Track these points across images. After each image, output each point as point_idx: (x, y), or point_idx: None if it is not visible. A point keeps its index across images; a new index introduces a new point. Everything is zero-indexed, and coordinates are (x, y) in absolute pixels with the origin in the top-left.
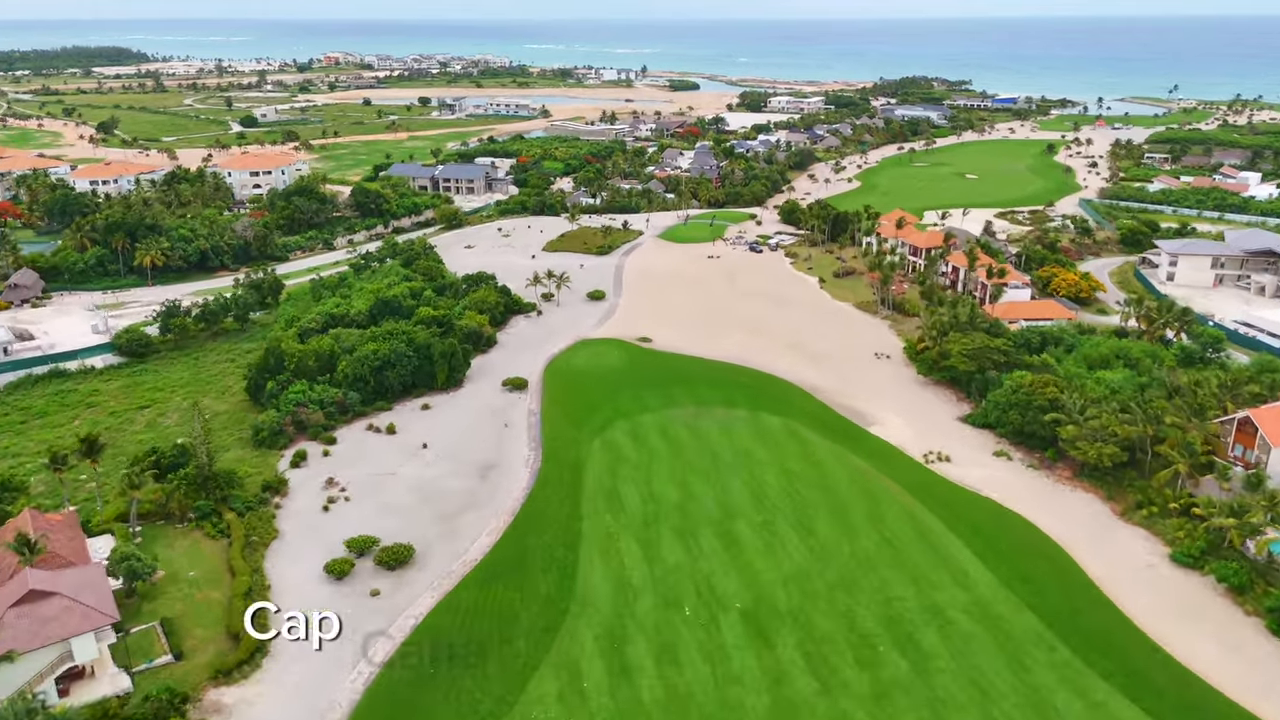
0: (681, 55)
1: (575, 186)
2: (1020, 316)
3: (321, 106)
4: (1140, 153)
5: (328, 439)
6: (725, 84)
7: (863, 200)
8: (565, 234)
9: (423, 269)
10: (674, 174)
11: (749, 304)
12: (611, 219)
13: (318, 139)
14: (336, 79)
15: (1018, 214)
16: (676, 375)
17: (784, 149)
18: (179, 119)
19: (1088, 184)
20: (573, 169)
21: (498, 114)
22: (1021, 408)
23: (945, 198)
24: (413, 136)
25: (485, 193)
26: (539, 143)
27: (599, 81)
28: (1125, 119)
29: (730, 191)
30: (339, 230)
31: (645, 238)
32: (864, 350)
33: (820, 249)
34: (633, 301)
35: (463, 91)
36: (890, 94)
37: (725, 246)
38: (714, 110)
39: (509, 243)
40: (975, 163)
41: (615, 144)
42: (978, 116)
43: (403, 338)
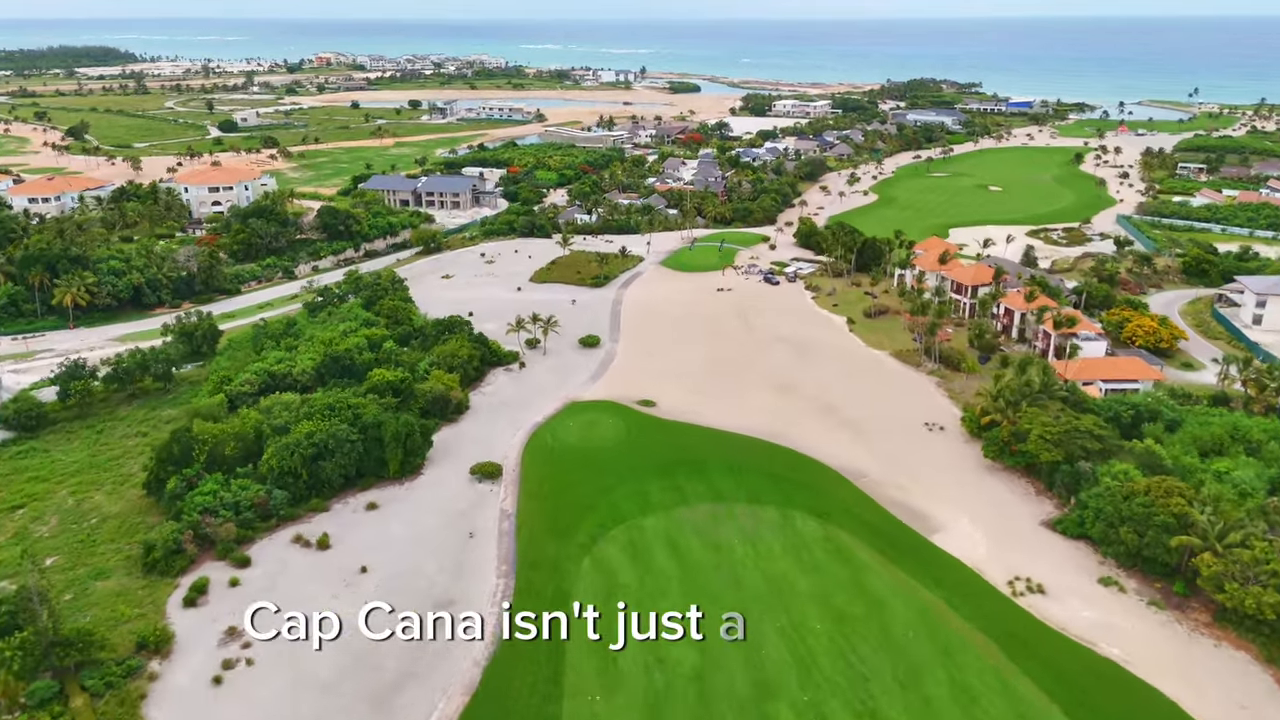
0: (681, 56)
1: (570, 201)
2: (1098, 377)
3: (307, 110)
4: (1173, 162)
5: (239, 559)
6: (727, 86)
7: (880, 216)
8: (556, 261)
9: (387, 310)
10: (676, 187)
11: (769, 352)
12: (608, 241)
13: (298, 145)
14: (326, 80)
15: (1051, 232)
16: (687, 455)
17: (793, 158)
18: (156, 123)
19: (1122, 197)
20: (567, 180)
21: (490, 118)
22: (1138, 523)
23: (970, 213)
24: (400, 143)
25: (472, 207)
26: (532, 150)
27: (596, 83)
28: (1149, 124)
29: (738, 207)
30: (302, 256)
31: (646, 265)
32: (911, 417)
33: (845, 280)
34: (632, 349)
35: (456, 94)
36: (898, 97)
37: (736, 276)
38: (716, 114)
39: (492, 271)
40: (997, 173)
41: (613, 152)
42: (993, 122)
43: (348, 413)
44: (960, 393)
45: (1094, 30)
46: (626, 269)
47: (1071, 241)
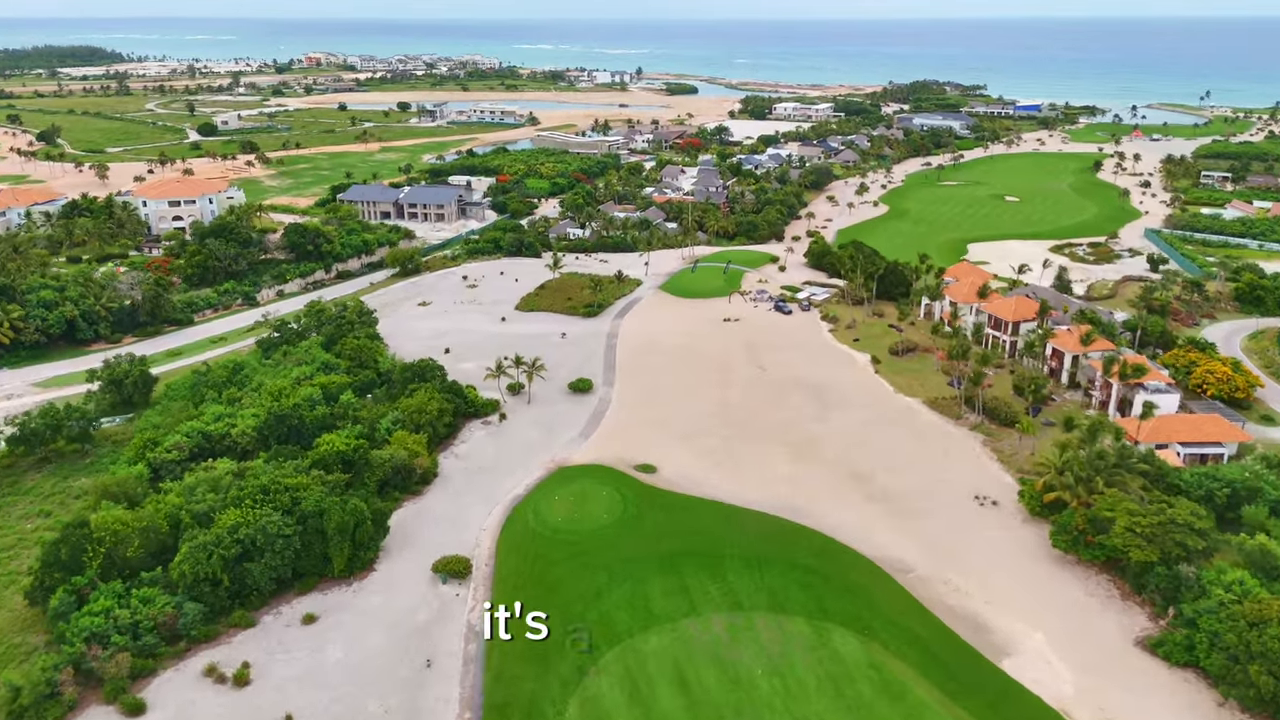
0: (677, 56)
1: (562, 213)
2: (1175, 439)
3: (293, 112)
4: (1196, 171)
5: (132, 705)
6: (725, 88)
7: (892, 230)
8: (546, 285)
9: (351, 350)
10: (675, 198)
11: (785, 400)
12: (603, 261)
13: (279, 150)
14: (314, 81)
15: (1076, 247)
16: (695, 541)
17: (797, 165)
18: (134, 126)
19: (1147, 209)
20: (560, 189)
21: (481, 122)
22: (1272, 661)
23: (987, 226)
24: (386, 147)
25: (457, 219)
26: (523, 156)
27: (591, 85)
28: (1165, 129)
29: (741, 221)
30: (266, 279)
31: (644, 290)
32: (957, 487)
33: (865, 310)
34: (629, 395)
35: (447, 95)
36: (901, 99)
37: (744, 303)
38: (715, 117)
39: (475, 297)
40: (1011, 181)
41: (608, 158)
42: (1002, 126)
43: (285, 497)
44: (1011, 455)
45: (1092, 31)
46: (623, 295)
47: (1099, 258)
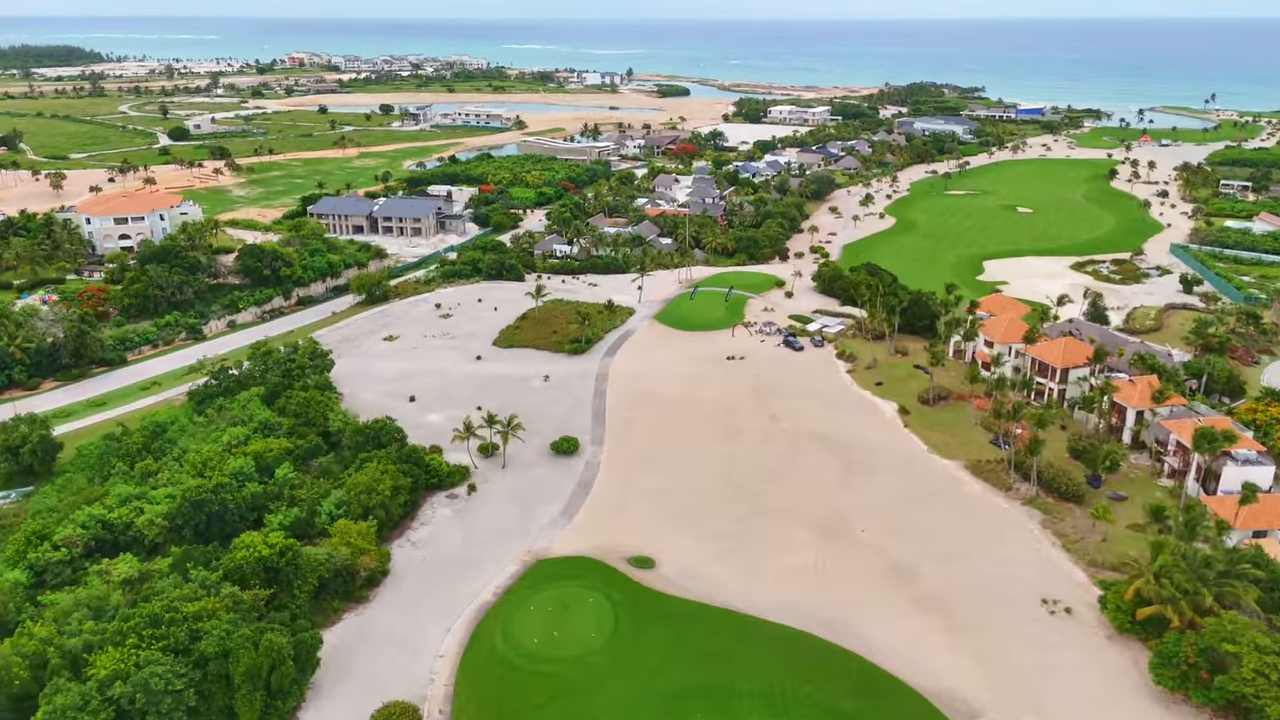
0: (667, 57)
1: (549, 226)
2: (1277, 525)
3: (271, 115)
4: (1215, 179)
5: None
6: (717, 89)
7: (900, 244)
8: (528, 315)
9: (296, 406)
10: (670, 211)
11: (803, 460)
12: (592, 284)
13: (252, 156)
14: (296, 82)
15: (1099, 264)
16: (705, 674)
17: (796, 172)
18: (103, 129)
19: (1168, 220)
20: (547, 199)
21: (466, 125)
22: None
23: (1002, 240)
24: (365, 153)
25: (436, 234)
26: (508, 163)
27: (581, 86)
28: (1174, 134)
29: (741, 236)
30: (215, 309)
31: (637, 320)
32: (1020, 586)
33: (885, 345)
34: (621, 457)
35: (432, 97)
36: (899, 102)
37: (749, 336)
38: (708, 120)
39: (449, 329)
40: (1021, 190)
41: (598, 166)
42: (1005, 130)
43: (182, 630)
44: (1078, 541)
45: (1087, 32)
46: (614, 327)
47: (1125, 277)
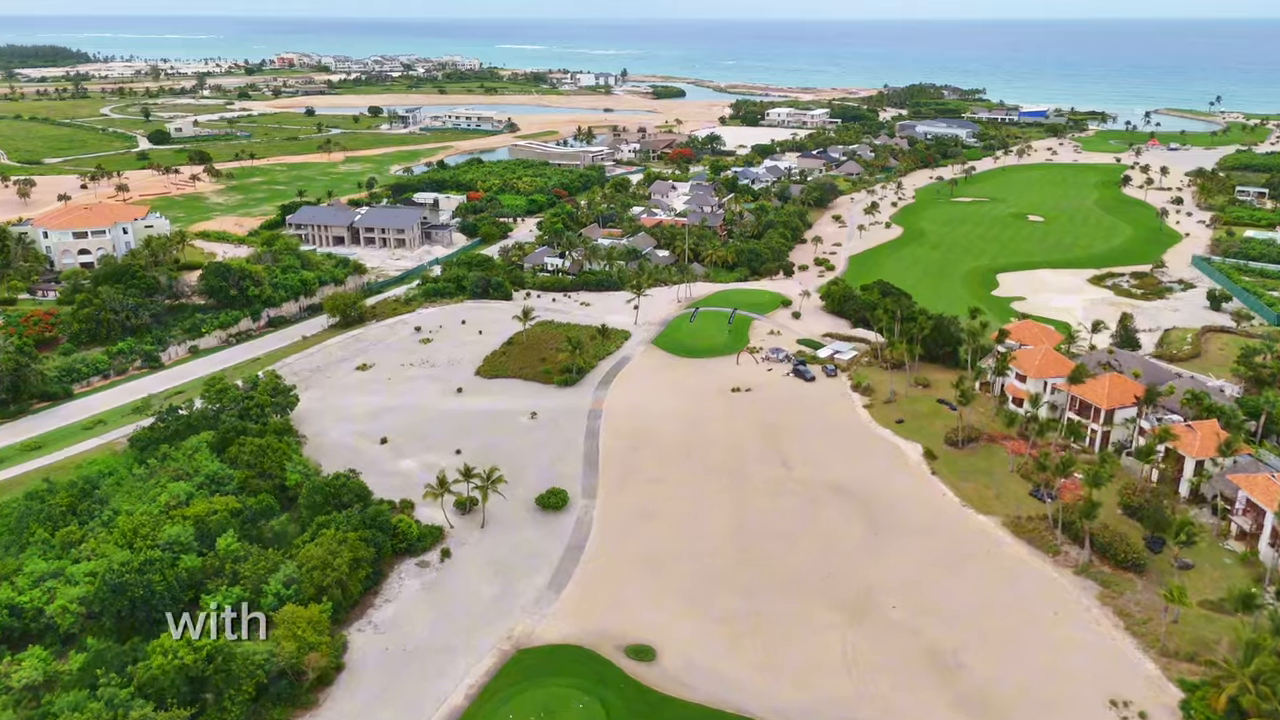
0: (662, 57)
1: (540, 237)
2: None
3: (256, 117)
4: (1230, 185)
5: None
6: (713, 90)
7: (910, 256)
8: (515, 340)
9: (249, 456)
10: (667, 221)
11: (822, 518)
12: (585, 304)
13: (234, 161)
14: (284, 84)
15: (1118, 278)
16: None
17: (797, 178)
18: (82, 132)
19: (1186, 229)
20: (538, 207)
21: (456, 128)
22: None
23: (1015, 251)
24: (351, 157)
25: (420, 245)
26: (499, 168)
27: (575, 87)
28: (1182, 138)
29: (743, 249)
30: (175, 333)
31: (633, 345)
32: (1080, 681)
33: (905, 375)
34: (616, 516)
35: (423, 98)
36: (898, 104)
37: (755, 364)
38: (705, 123)
39: (428, 356)
40: (1030, 197)
41: (592, 171)
42: (1008, 134)
43: None
44: (1145, 622)
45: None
46: (608, 353)
47: (1147, 291)
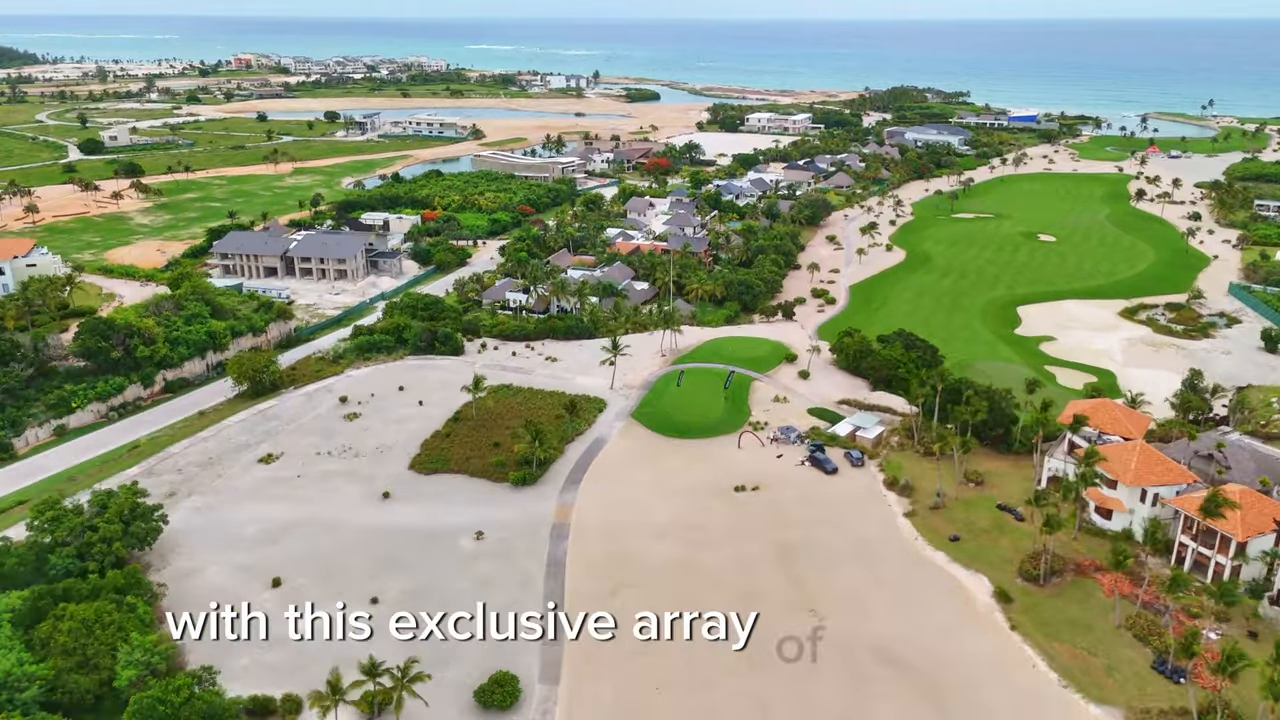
0: (636, 58)
1: (502, 265)
2: None
3: (204, 123)
4: (1249, 199)
5: None
6: (688, 93)
7: (917, 285)
8: (462, 416)
9: (67, 638)
10: (645, 246)
11: (875, 715)
12: (551, 359)
13: (169, 174)
14: (238, 86)
15: (1151, 309)
16: None
17: (784, 192)
18: (10, 141)
19: (1214, 251)
20: (501, 227)
21: (417, 135)
22: None
23: (1032, 277)
24: (300, 169)
25: (365, 276)
26: (460, 182)
27: (545, 90)
28: (1183, 145)
29: (731, 280)
30: (36, 411)
31: (609, 420)
32: None
33: (950, 463)
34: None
35: (385, 102)
36: (881, 108)
37: (761, 446)
38: (681, 129)
39: (352, 440)
40: (1037, 212)
41: (562, 185)
42: (1001, 140)
43: None
44: None
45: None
46: (578, 433)
47: (1188, 328)
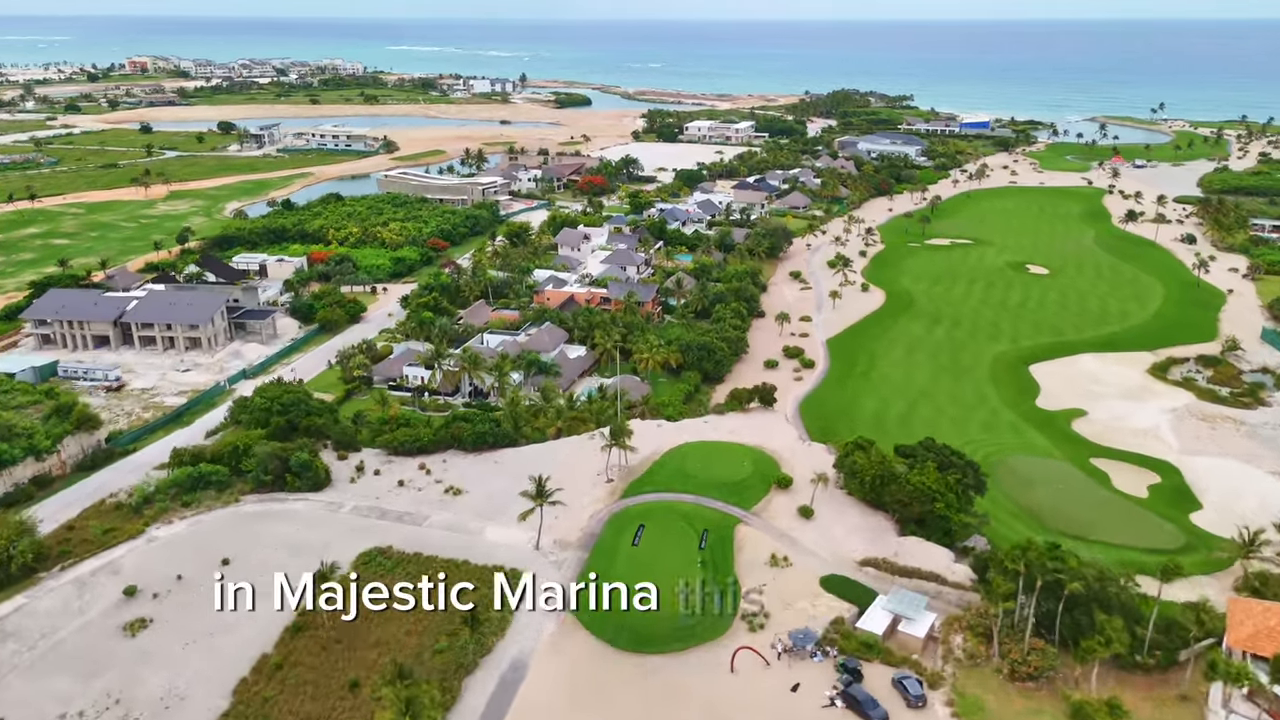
0: (566, 59)
1: (402, 325)
2: None
3: (77, 136)
4: (1243, 217)
5: None
6: (621, 98)
7: (903, 336)
8: (304, 625)
9: None
10: (580, 296)
11: None
12: (454, 490)
13: (8, 202)
14: (128, 92)
15: (1181, 364)
16: None
17: (736, 216)
18: None
19: (1218, 279)
20: (407, 267)
21: (322, 148)
22: None
23: (1035, 325)
24: (176, 193)
25: (226, 344)
26: (362, 207)
27: (468, 95)
28: (1147, 153)
29: (688, 343)
30: None
31: (533, 625)
32: None
33: (1054, 685)
34: None
35: (291, 110)
36: (824, 113)
37: (764, 667)
38: (616, 138)
39: (120, 685)
40: (1016, 236)
41: (482, 211)
42: (957, 150)
43: None
44: None
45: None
46: (484, 653)
47: (1234, 390)
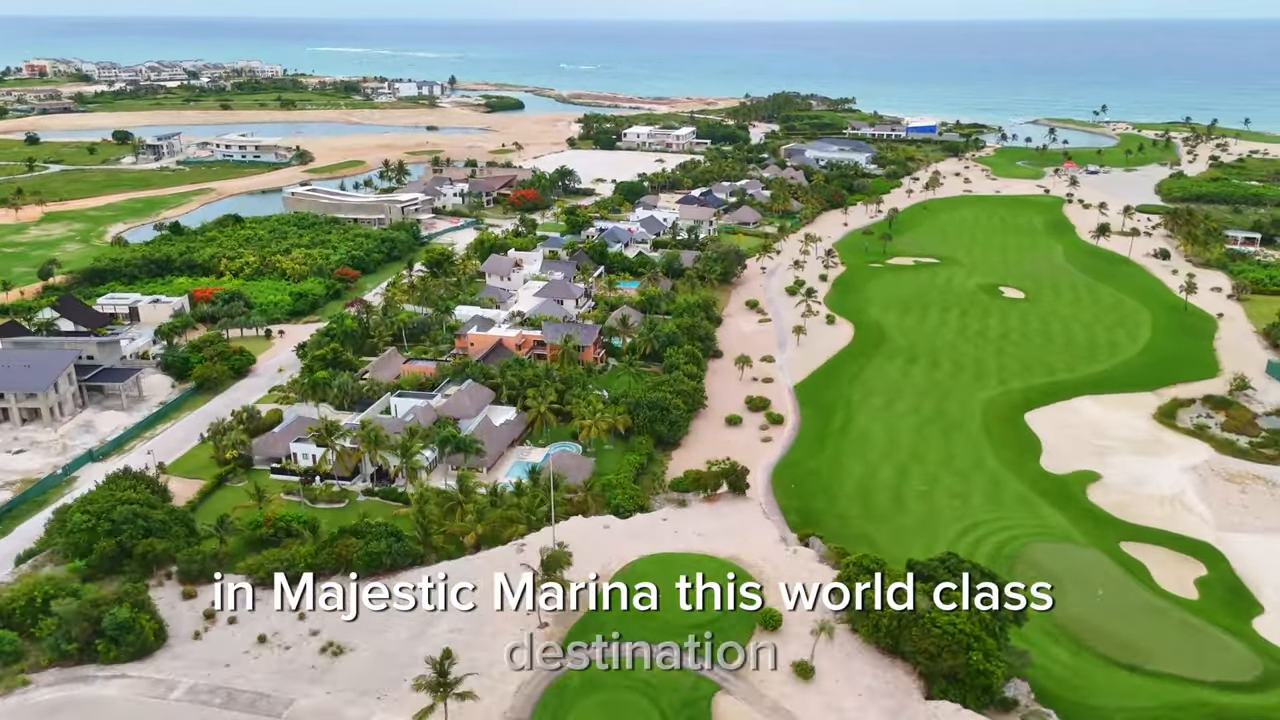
0: (497, 60)
1: (296, 384)
2: None
3: None
4: (1217, 232)
5: None
6: (555, 100)
7: (879, 380)
8: None
9: None
10: (511, 341)
11: None
12: (334, 650)
13: None
14: (19, 99)
15: (1187, 406)
16: None
17: (683, 235)
18: None
19: (1202, 301)
20: (310, 305)
21: (228, 160)
22: None
23: (1022, 362)
24: (52, 214)
25: (75, 414)
26: (264, 230)
27: (393, 99)
28: (1099, 158)
29: (639, 405)
30: None
31: None
32: None
33: None
34: None
35: (200, 116)
36: (767, 117)
37: None
38: (550, 146)
39: None
40: (980, 251)
41: (400, 232)
42: (906, 156)
43: None
44: None
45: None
46: None
47: (1252, 439)
